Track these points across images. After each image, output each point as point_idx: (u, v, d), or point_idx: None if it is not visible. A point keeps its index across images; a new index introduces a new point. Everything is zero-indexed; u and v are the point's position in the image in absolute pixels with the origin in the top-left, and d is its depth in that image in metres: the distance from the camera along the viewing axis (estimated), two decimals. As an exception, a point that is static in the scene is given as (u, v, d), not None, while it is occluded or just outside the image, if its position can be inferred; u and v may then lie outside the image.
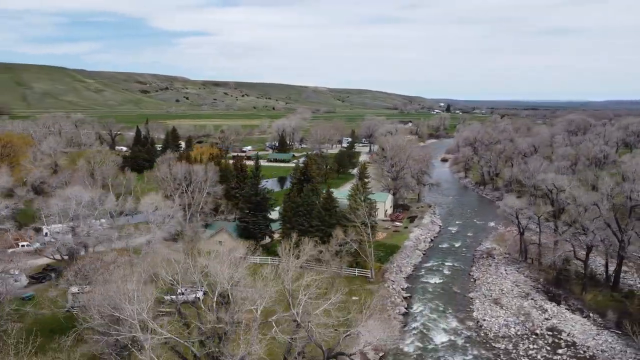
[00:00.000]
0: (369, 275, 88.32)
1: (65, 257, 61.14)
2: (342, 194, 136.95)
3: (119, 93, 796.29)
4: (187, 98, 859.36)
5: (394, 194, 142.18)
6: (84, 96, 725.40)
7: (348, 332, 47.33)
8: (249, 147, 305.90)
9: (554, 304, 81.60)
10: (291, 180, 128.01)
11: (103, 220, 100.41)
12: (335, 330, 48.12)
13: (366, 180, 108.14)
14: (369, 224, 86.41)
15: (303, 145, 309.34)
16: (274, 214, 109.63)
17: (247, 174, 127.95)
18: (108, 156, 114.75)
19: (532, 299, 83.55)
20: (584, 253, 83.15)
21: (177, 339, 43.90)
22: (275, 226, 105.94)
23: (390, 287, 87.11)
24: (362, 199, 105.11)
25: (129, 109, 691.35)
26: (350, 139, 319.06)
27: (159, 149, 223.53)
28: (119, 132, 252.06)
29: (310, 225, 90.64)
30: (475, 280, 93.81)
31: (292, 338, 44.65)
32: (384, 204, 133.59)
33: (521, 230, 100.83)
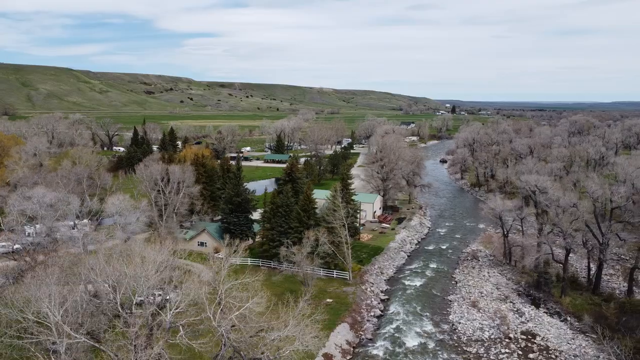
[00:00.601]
0: (347, 277, 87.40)
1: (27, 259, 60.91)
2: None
3: (123, 94, 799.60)
4: (191, 99, 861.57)
5: (383, 195, 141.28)
6: (88, 97, 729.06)
7: (265, 337, 45.69)
8: (248, 148, 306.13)
9: (532, 307, 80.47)
10: (277, 182, 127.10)
11: (86, 221, 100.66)
12: (260, 334, 46.57)
13: (349, 181, 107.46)
14: (346, 226, 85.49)
15: (303, 146, 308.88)
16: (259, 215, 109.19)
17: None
18: (92, 156, 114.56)
19: (510, 302, 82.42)
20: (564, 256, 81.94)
21: (95, 343, 42.59)
22: (258, 227, 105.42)
23: (368, 289, 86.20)
24: (340, 200, 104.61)
25: (133, 110, 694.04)
26: (350, 140, 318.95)
27: (155, 149, 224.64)
28: (116, 133, 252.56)
29: (289, 227, 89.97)
30: (456, 283, 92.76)
31: (201, 343, 42.77)
32: (372, 205, 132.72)
33: (505, 232, 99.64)
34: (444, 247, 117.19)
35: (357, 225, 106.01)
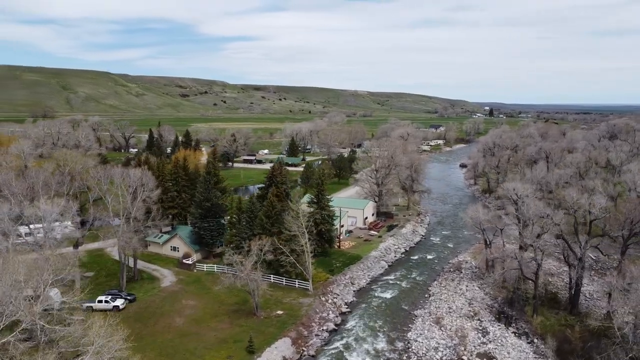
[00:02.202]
0: (309, 288, 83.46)
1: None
2: (340, 201, 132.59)
3: (158, 97, 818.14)
4: (224, 102, 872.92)
5: (378, 201, 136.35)
6: (125, 100, 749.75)
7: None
8: (266, 151, 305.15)
9: (501, 326, 74.43)
10: (258, 187, 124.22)
11: (68, 223, 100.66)
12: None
13: (324, 187, 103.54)
14: (306, 234, 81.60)
15: (323, 149, 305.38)
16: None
17: (220, 178, 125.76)
18: (78, 159, 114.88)
19: (478, 319, 76.55)
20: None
21: None
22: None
23: (330, 300, 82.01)
24: (313, 206, 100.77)
25: (167, 112, 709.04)
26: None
27: (169, 151, 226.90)
28: (132, 135, 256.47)
29: (252, 233, 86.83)
30: (429, 297, 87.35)
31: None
32: (362, 212, 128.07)
33: (487, 242, 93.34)
34: (430, 257, 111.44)
35: (333, 233, 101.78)
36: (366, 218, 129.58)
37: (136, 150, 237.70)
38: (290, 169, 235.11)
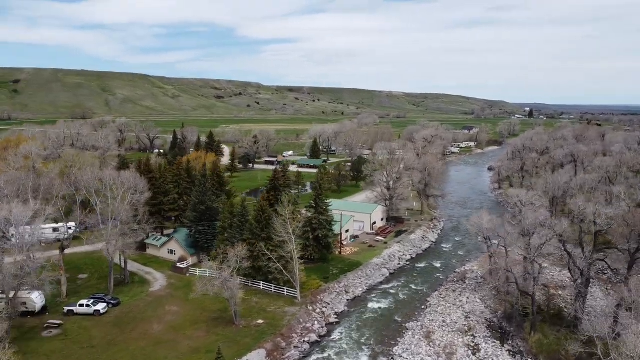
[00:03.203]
0: (297, 296, 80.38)
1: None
2: (346, 204, 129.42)
3: (194, 99, 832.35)
4: (257, 103, 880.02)
5: (388, 205, 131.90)
6: (161, 101, 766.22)
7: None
8: (291, 152, 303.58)
9: (496, 343, 69.44)
10: (260, 190, 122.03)
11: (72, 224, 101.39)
12: None
13: (324, 191, 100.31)
14: (293, 240, 78.62)
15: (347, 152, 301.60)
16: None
17: (224, 181, 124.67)
18: (87, 159, 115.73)
19: (472, 334, 71.73)
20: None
21: None
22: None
23: (317, 310, 78.71)
24: (313, 211, 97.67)
25: (201, 114, 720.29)
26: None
27: (192, 151, 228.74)
28: (157, 136, 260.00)
29: (242, 238, 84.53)
30: (426, 308, 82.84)
31: None
32: (370, 216, 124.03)
33: (491, 251, 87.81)
34: (437, 265, 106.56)
35: (331, 239, 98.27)
36: (374, 223, 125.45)
37: (158, 151, 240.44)
38: (311, 171, 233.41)
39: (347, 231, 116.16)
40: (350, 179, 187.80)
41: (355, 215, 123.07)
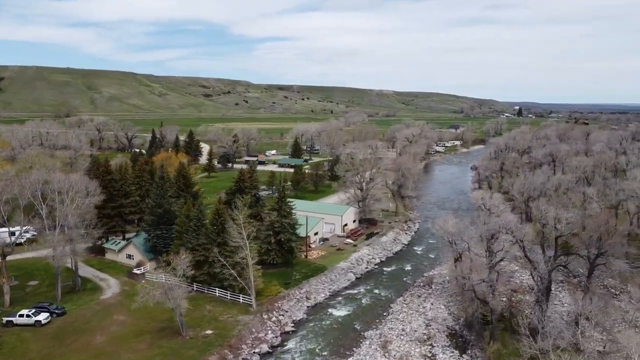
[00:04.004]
0: (252, 304, 77.10)
1: None
2: (317, 206, 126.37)
3: (181, 97, 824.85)
4: (246, 101, 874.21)
5: (361, 207, 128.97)
6: (147, 99, 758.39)
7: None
8: (274, 152, 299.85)
9: (454, 353, 66.66)
10: (226, 191, 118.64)
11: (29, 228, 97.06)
12: None
13: (287, 192, 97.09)
14: (247, 245, 75.32)
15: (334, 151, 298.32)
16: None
17: (191, 182, 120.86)
18: (47, 160, 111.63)
19: (431, 344, 68.90)
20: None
21: None
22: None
23: (273, 318, 75.51)
24: (277, 214, 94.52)
25: (188, 112, 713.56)
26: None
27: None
28: (134, 135, 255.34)
29: (197, 243, 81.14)
30: (387, 315, 79.94)
31: None
32: (341, 218, 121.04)
33: (456, 256, 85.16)
34: (406, 269, 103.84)
35: (294, 243, 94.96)
36: (345, 225, 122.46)
37: (136, 150, 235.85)
38: (292, 170, 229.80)
39: (315, 234, 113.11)
40: (328, 178, 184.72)
41: (326, 217, 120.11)
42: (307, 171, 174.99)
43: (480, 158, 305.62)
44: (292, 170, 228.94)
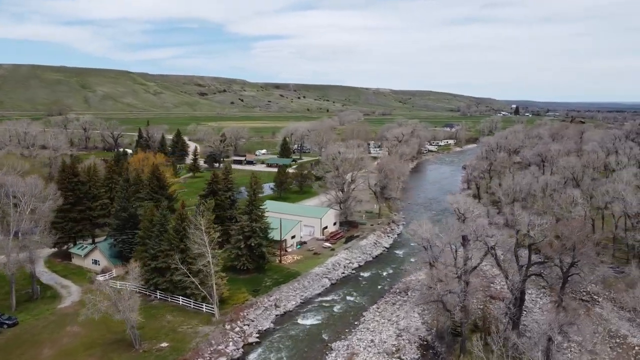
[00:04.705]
0: (215, 313, 73.53)
1: None
2: (296, 208, 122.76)
3: (176, 95, 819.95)
4: (241, 100, 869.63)
5: (342, 209, 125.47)
6: (142, 98, 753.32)
7: None
8: (264, 151, 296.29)
9: (423, 366, 63.18)
10: (199, 194, 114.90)
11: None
12: None
13: (259, 195, 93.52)
14: (209, 251, 71.71)
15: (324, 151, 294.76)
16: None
17: (165, 184, 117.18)
18: (14, 161, 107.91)
19: (399, 357, 65.45)
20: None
21: None
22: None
23: (236, 329, 71.90)
24: (247, 218, 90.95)
25: (183, 111, 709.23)
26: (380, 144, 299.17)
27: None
28: (120, 135, 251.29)
29: (159, 250, 77.54)
30: (358, 324, 76.46)
31: None
32: (320, 221, 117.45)
33: (431, 262, 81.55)
34: (384, 274, 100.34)
35: (264, 248, 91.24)
36: (325, 228, 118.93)
37: (119, 150, 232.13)
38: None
39: (293, 237, 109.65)
40: (315, 179, 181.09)
41: (305, 219, 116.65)
42: (290, 171, 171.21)
43: (472, 157, 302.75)
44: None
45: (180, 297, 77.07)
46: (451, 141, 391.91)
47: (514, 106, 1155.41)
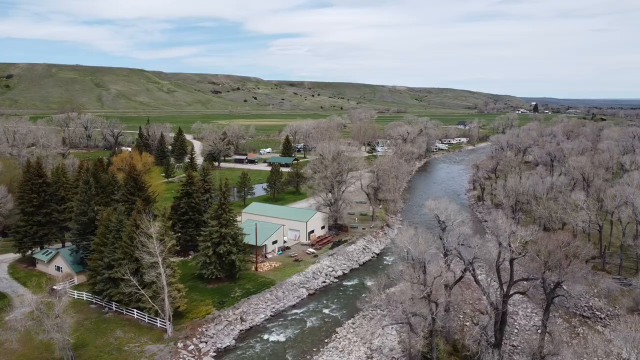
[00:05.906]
0: (167, 329, 66.98)
1: None
2: (282, 210, 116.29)
3: (189, 94, 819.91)
4: (255, 98, 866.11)
5: (331, 211, 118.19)
6: (155, 96, 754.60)
7: None
8: (268, 150, 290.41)
9: (391, 395, 55.79)
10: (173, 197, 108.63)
11: None
12: None
13: (229, 197, 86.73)
14: (160, 262, 65.20)
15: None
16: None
17: (142, 185, 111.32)
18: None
19: (365, 384, 58.11)
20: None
21: None
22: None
23: (190, 347, 65.27)
24: (217, 222, 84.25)
25: (195, 109, 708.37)
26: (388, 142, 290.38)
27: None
28: (120, 133, 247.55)
29: (113, 258, 71.41)
30: (328, 342, 69.34)
31: None
32: (306, 225, 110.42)
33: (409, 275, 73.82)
34: (370, 284, 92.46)
35: (234, 256, 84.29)
36: (312, 232, 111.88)
37: (117, 148, 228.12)
38: (282, 169, 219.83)
39: (274, 242, 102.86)
40: (303, 179, 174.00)
41: (289, 223, 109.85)
42: (285, 171, 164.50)
43: (484, 156, 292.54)
44: (283, 169, 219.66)
45: (135, 310, 70.86)
46: (464, 139, 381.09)
47: (533, 103, 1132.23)
